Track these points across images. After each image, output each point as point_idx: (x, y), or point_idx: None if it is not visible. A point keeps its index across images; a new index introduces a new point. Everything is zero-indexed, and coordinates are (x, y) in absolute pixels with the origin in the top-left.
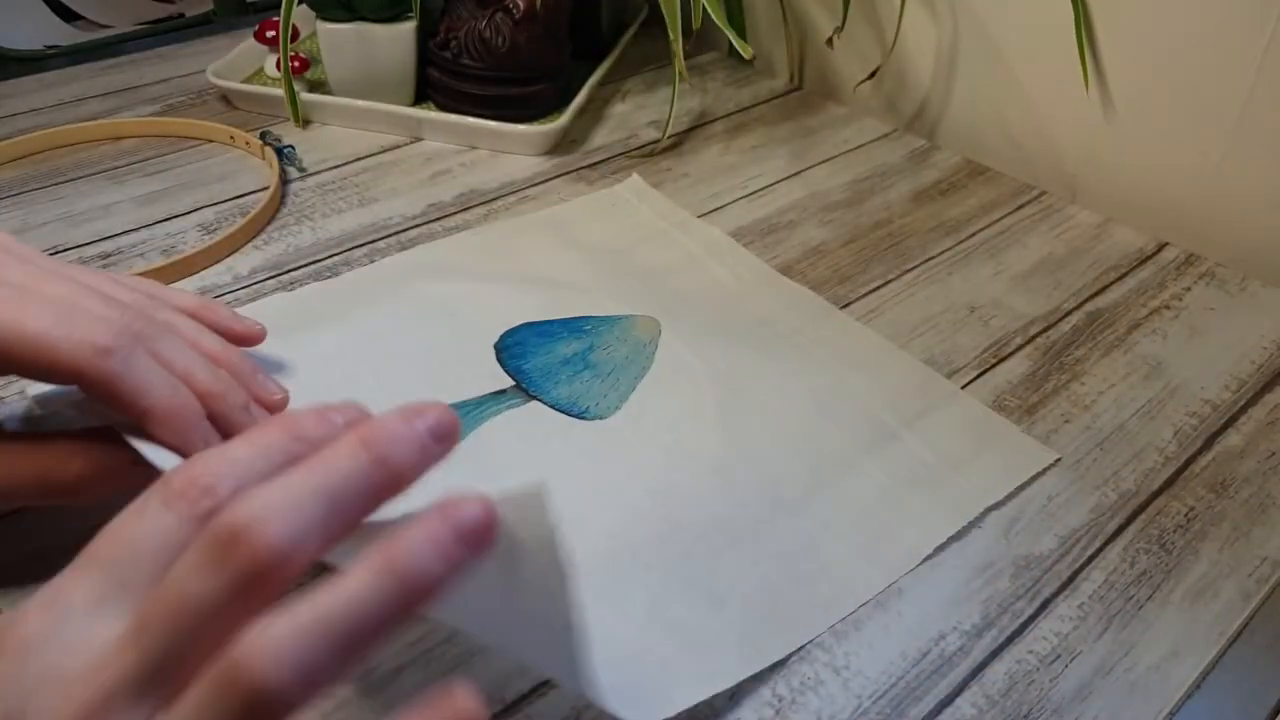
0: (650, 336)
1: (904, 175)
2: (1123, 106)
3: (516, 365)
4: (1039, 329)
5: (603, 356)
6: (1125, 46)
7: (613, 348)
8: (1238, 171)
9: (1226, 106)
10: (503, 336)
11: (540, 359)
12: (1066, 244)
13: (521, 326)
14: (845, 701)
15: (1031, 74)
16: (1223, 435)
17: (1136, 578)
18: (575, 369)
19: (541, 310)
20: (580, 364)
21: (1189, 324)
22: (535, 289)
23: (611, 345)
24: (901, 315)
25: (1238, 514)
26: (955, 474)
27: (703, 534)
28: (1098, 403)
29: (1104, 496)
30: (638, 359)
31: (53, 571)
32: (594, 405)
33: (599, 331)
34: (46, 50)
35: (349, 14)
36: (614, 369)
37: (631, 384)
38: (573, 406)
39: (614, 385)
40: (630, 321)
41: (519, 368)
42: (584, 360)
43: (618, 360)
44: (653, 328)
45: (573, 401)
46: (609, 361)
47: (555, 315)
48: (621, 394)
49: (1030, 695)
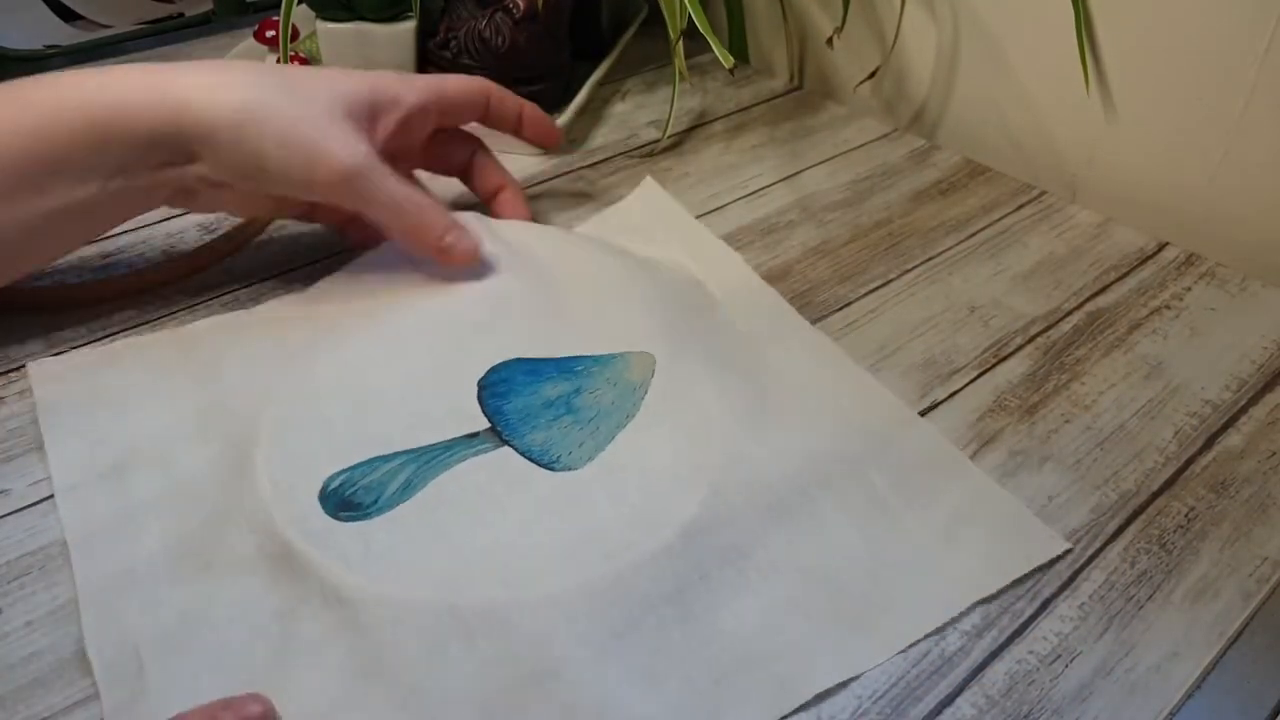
0: (642, 379)
1: (904, 175)
2: (1123, 106)
3: (497, 406)
4: (1039, 329)
5: (588, 401)
6: (1126, 46)
7: (600, 391)
8: (1238, 171)
9: (1227, 106)
10: (489, 373)
11: (523, 400)
12: (1067, 244)
13: (513, 362)
14: (845, 701)
15: (1032, 74)
16: (1223, 435)
17: (1137, 578)
18: (556, 413)
19: (535, 344)
20: (563, 408)
21: (1189, 324)
22: (532, 315)
23: (600, 389)
24: (902, 315)
25: (1238, 514)
26: (947, 555)
27: (653, 606)
28: (1098, 403)
29: (1104, 496)
30: (624, 404)
31: None
32: (566, 455)
33: (590, 373)
34: (46, 50)
35: (349, 14)
36: (597, 414)
37: (612, 432)
38: (543, 455)
39: (592, 433)
40: (624, 362)
41: (499, 409)
42: (567, 404)
43: (603, 405)
44: (647, 367)
45: (545, 449)
46: (593, 406)
47: (550, 353)
48: (599, 442)
49: (1030, 695)
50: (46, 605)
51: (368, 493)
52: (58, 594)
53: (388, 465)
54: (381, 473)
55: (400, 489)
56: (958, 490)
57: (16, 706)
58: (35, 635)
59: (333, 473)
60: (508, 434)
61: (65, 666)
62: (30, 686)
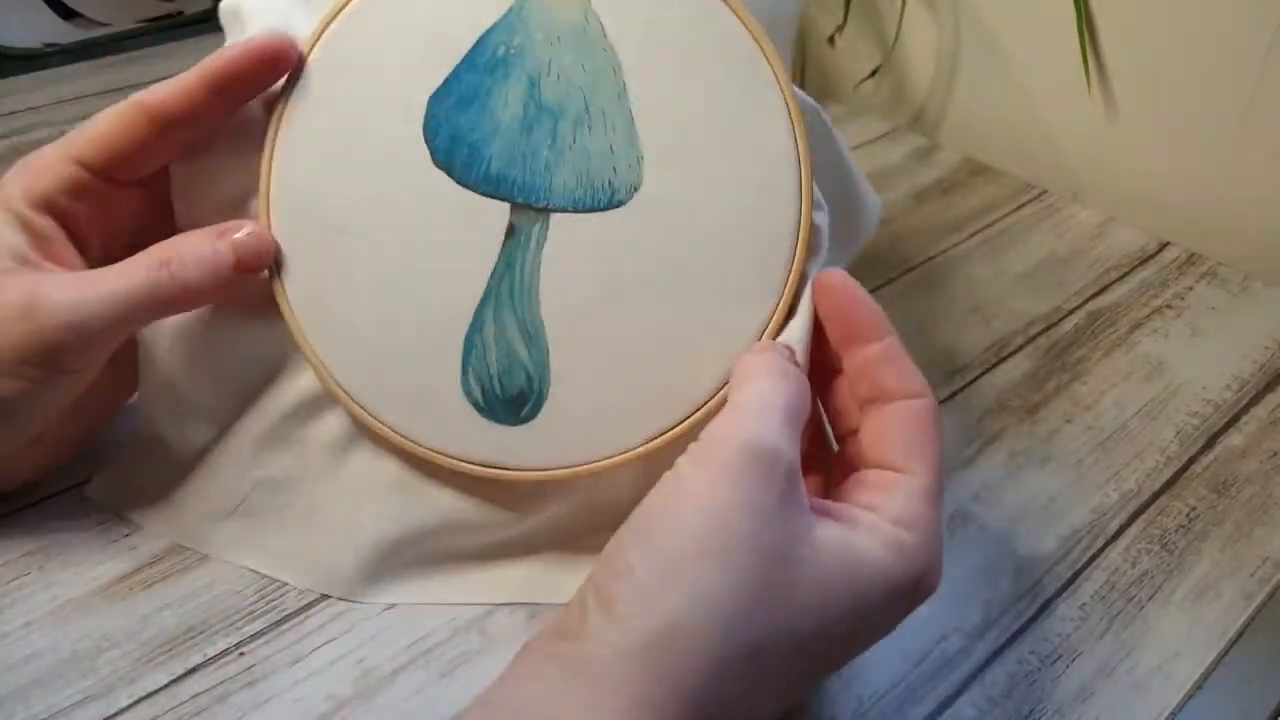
0: (575, 4)
1: (905, 174)
2: (1125, 105)
3: (501, 172)
4: (1040, 328)
5: (551, 88)
6: (1127, 45)
7: (554, 62)
8: (1240, 171)
9: (1229, 106)
10: (434, 136)
11: (497, 141)
12: (1068, 243)
13: (440, 94)
14: (846, 702)
15: (1033, 73)
16: (1225, 435)
17: (1138, 578)
18: (545, 132)
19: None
20: (545, 118)
21: (1191, 324)
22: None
23: (548, 58)
24: (903, 315)
25: (1240, 514)
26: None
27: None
28: (1099, 403)
29: (1105, 496)
30: (590, 53)
31: None
32: (613, 174)
33: (511, 43)
34: (45, 48)
35: None
36: (584, 95)
37: (622, 111)
38: (597, 194)
39: (607, 127)
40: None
41: (503, 175)
42: (540, 108)
43: (574, 79)
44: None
45: (590, 185)
46: (566, 89)
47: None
48: (626, 134)
49: (1032, 696)
50: (46, 605)
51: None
52: (57, 594)
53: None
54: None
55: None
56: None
57: (16, 707)
58: (34, 636)
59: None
60: (538, 197)
61: (65, 666)
62: (30, 687)
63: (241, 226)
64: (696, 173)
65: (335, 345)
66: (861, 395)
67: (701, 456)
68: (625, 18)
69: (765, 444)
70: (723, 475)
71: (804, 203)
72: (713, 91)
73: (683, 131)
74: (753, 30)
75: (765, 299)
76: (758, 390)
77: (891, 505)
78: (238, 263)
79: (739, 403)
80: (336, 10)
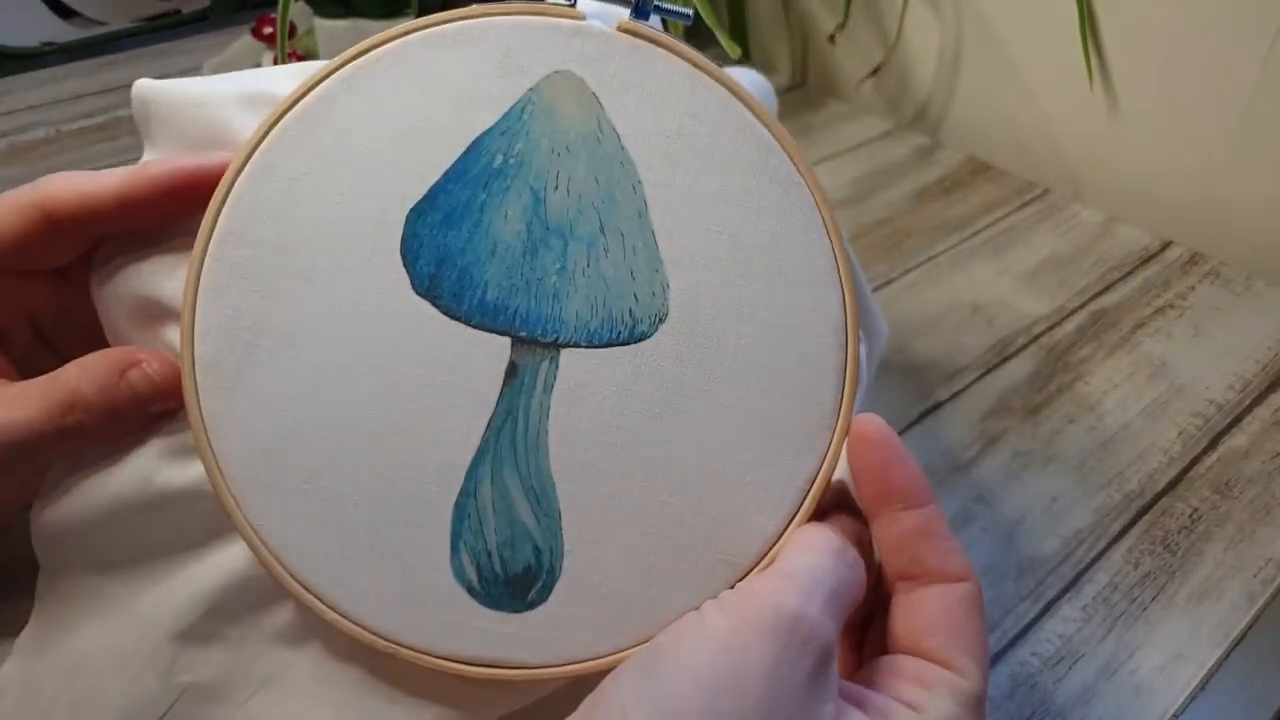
0: (586, 111)
1: (907, 173)
2: (1127, 104)
3: (500, 301)
4: (1043, 328)
5: (560, 202)
6: (1129, 44)
7: (556, 165)
8: (1242, 170)
9: (1231, 104)
10: (421, 279)
11: (493, 265)
12: (1070, 243)
13: (410, 217)
14: None
15: (1035, 71)
16: (1227, 435)
17: (1140, 579)
18: (553, 255)
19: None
20: (552, 238)
21: (1193, 323)
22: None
23: (556, 166)
24: (904, 315)
25: (1242, 515)
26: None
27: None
28: (1102, 403)
29: (1108, 497)
30: (605, 166)
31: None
32: (634, 302)
33: (510, 152)
34: (43, 47)
35: (346, 10)
36: (597, 209)
37: (644, 231)
38: (616, 326)
39: (626, 250)
40: (536, 98)
41: (502, 304)
42: (546, 227)
43: (587, 192)
44: (574, 92)
45: (608, 316)
46: (576, 205)
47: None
48: (648, 257)
49: (1034, 697)
50: None
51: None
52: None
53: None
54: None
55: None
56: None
57: None
58: None
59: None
60: (548, 331)
61: None
62: None
63: (150, 358)
64: (730, 301)
65: (279, 516)
66: (893, 568)
67: (733, 607)
68: (644, 128)
69: (806, 616)
70: (753, 633)
71: (850, 329)
72: (747, 212)
73: (714, 256)
74: (785, 144)
75: (815, 443)
76: (810, 563)
77: (938, 708)
78: (135, 400)
79: (787, 569)
80: (284, 109)
